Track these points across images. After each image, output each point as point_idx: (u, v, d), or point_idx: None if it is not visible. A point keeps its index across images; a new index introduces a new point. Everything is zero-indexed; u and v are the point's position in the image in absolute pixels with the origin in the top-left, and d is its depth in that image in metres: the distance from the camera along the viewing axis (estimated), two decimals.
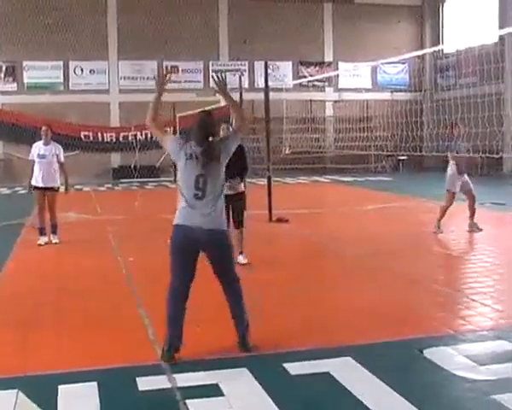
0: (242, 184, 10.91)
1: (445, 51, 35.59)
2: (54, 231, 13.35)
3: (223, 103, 26.71)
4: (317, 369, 5.96)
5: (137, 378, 5.77)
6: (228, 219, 10.04)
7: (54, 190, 13.14)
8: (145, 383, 5.70)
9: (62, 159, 13.30)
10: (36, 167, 13.10)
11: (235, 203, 10.64)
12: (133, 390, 5.58)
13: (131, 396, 5.51)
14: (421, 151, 26.03)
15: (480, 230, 13.92)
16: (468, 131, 15.56)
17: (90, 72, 34.97)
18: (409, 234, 14.23)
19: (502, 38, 29.97)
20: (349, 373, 5.86)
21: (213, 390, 5.51)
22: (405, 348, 6.64)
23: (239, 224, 10.80)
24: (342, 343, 6.64)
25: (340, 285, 9.61)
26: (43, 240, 13.29)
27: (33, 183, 13.17)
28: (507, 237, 14.02)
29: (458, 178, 13.89)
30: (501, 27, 30.05)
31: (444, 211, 14.03)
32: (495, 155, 14.55)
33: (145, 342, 6.89)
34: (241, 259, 10.59)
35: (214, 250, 6.43)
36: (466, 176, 14.04)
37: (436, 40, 36.51)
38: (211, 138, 6.43)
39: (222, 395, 5.45)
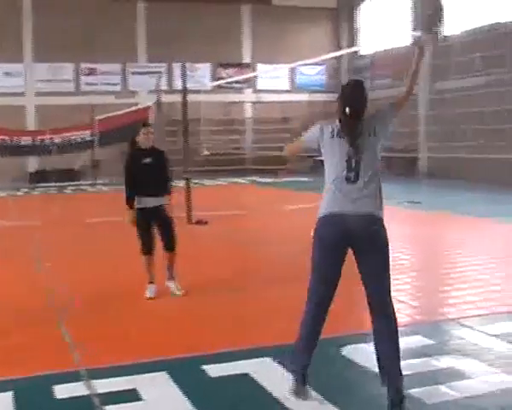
0: (168, 197, 9.31)
1: (360, 53, 36.12)
2: None
3: (140, 106, 26.50)
4: (237, 370, 5.96)
5: (54, 386, 5.65)
6: (152, 238, 9.17)
7: None
8: (62, 391, 5.58)
9: None
10: None
11: (162, 218, 9.15)
12: (50, 399, 5.46)
13: (48, 405, 5.40)
14: None
15: None
16: None
17: (5, 74, 34.17)
18: None
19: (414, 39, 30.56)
20: (268, 374, 5.87)
21: (132, 395, 5.44)
22: (324, 346, 6.65)
23: (170, 245, 9.18)
24: (261, 344, 6.64)
25: (259, 286, 9.60)
26: None
27: None
28: (423, 235, 14.29)
29: None
30: (414, 30, 30.70)
31: None
32: (405, 155, 14.82)
33: (62, 349, 6.76)
34: (173, 288, 9.12)
35: (369, 242, 5.19)
36: None
37: (352, 42, 37.00)
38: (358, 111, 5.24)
39: (140, 399, 5.39)
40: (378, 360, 5.26)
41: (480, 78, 26.04)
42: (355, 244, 5.24)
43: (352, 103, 5.22)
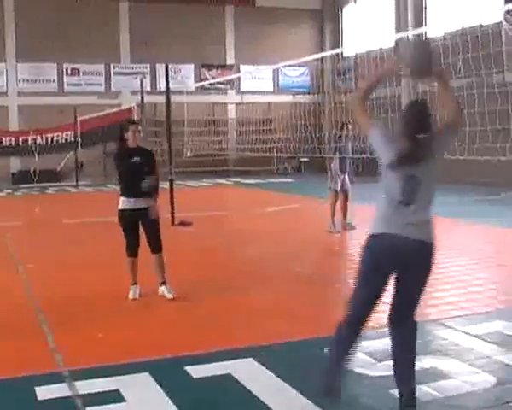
0: (156, 197, 9.11)
1: (344, 55, 36.18)
2: None
3: (123, 107, 26.41)
4: (219, 371, 5.96)
5: (36, 388, 5.62)
6: (137, 240, 9.02)
7: None
8: (44, 392, 5.55)
9: None
10: None
11: (148, 220, 8.91)
12: (32, 400, 5.43)
13: (30, 407, 5.38)
14: (321, 153, 26.43)
15: (354, 228, 14.34)
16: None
17: None
18: (309, 235, 14.39)
19: (398, 42, 30.68)
20: (251, 374, 5.88)
21: (114, 397, 5.43)
22: (307, 347, 6.71)
23: (156, 246, 9.00)
24: (244, 344, 6.66)
25: (243, 287, 9.60)
26: None
27: None
28: None
29: (340, 177, 14.39)
30: (397, 32, 30.82)
31: (332, 209, 14.42)
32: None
33: (44, 350, 6.73)
34: (164, 291, 8.91)
35: (417, 268, 5.11)
36: (346, 175, 14.50)
37: (336, 44, 37.06)
38: (422, 134, 5.09)
39: (123, 401, 5.38)
40: (395, 365, 5.22)
41: (462, 80, 26.14)
42: (404, 267, 5.11)
43: (423, 129, 5.09)
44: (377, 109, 19.25)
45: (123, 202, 8.95)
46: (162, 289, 8.95)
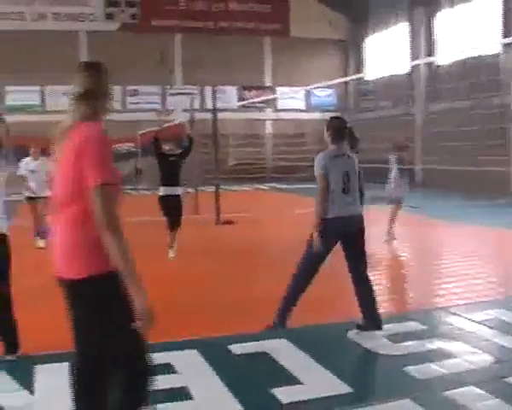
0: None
1: (365, 79, 36.03)
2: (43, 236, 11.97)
3: (175, 122, 26.56)
4: (257, 349, 6.00)
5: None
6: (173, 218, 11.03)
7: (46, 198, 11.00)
8: None
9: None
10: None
11: (176, 204, 11.08)
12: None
13: None
14: None
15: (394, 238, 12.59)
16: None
17: None
18: None
19: (413, 68, 30.54)
20: (284, 353, 5.90)
21: (167, 368, 5.44)
22: (333, 330, 6.73)
23: (179, 224, 11.11)
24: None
25: (272, 277, 9.49)
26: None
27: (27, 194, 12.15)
28: (417, 235, 14.23)
29: (400, 185, 12.84)
30: (412, 59, 30.73)
31: (392, 219, 12.63)
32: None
33: None
34: (170, 252, 10.93)
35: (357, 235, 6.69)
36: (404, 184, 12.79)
37: (358, 69, 36.93)
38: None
39: (176, 372, 5.43)
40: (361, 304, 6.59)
41: (466, 102, 25.96)
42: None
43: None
44: (396, 125, 19.14)
45: (162, 190, 11.11)
46: (171, 251, 10.87)
